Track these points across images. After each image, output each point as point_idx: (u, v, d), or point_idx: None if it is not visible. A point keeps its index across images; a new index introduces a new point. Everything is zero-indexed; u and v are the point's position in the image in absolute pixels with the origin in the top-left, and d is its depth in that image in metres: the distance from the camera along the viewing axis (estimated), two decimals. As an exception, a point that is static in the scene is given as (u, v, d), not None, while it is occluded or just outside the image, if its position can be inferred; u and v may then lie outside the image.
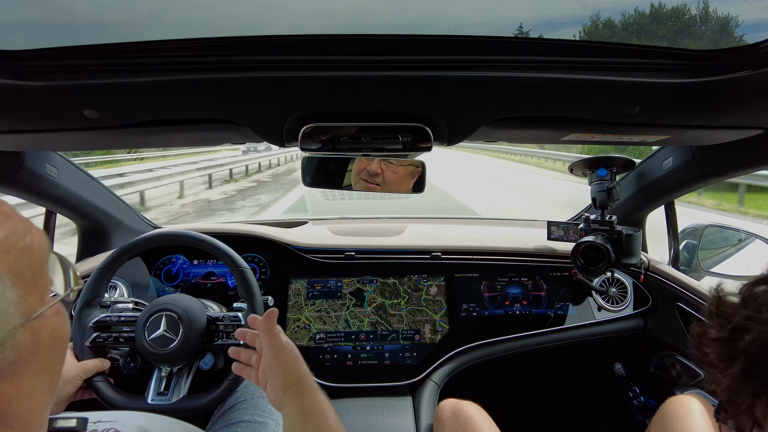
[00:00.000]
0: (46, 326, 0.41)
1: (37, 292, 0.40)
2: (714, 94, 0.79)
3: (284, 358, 0.77)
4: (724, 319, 0.58)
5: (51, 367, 0.43)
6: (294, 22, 0.75)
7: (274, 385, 0.75)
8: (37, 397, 0.40)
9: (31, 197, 1.33)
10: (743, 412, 0.55)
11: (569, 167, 1.55)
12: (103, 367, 1.14)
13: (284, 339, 0.81)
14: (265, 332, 0.79)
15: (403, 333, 1.49)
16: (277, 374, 0.75)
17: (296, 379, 0.75)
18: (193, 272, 1.58)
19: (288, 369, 0.75)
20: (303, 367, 0.77)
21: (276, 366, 0.76)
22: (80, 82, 0.74)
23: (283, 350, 0.77)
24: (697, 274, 1.54)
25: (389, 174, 1.03)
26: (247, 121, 0.87)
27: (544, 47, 0.77)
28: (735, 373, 0.55)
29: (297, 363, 0.77)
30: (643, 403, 1.58)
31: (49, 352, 0.42)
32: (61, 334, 0.44)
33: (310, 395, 0.73)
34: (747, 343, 0.54)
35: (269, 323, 0.79)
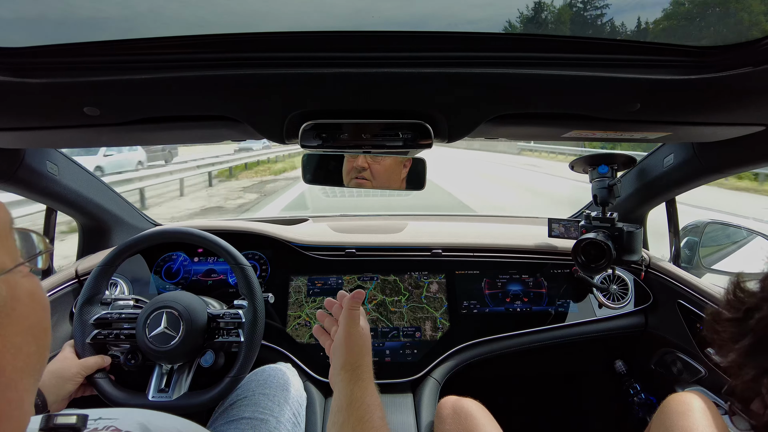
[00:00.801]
0: (22, 286, 0.42)
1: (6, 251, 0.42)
2: (715, 91, 0.78)
3: (353, 341, 0.78)
4: (739, 302, 0.62)
5: (36, 331, 0.43)
6: (294, 18, 0.75)
7: (334, 363, 0.77)
8: (22, 357, 0.41)
9: (31, 194, 1.33)
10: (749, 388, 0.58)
11: (570, 164, 1.55)
12: (104, 364, 1.14)
13: (362, 323, 0.83)
14: (347, 310, 0.81)
15: (404, 330, 1.49)
16: (341, 354, 0.77)
17: (356, 365, 0.76)
18: (194, 269, 1.58)
19: (352, 353, 0.77)
20: (366, 358, 0.78)
21: (343, 345, 0.77)
22: (80, 79, 0.74)
23: (355, 333, 0.79)
24: (699, 271, 1.54)
25: (376, 166, 1.04)
26: (247, 118, 0.87)
27: (545, 44, 0.76)
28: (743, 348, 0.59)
29: (362, 351, 0.78)
30: (644, 400, 1.58)
31: (31, 314, 0.43)
32: (39, 297, 0.45)
33: (362, 386, 0.74)
34: (757, 320, 0.58)
35: (354, 302, 0.81)
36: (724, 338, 0.63)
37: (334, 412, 0.72)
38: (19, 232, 0.46)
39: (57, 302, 1.39)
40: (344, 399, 0.72)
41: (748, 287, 0.63)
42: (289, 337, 1.47)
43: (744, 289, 0.63)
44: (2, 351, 0.39)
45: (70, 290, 1.45)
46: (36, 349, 0.43)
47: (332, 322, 0.89)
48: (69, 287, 1.44)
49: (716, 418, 0.89)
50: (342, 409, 0.71)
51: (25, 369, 0.42)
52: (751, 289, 0.63)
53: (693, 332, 1.35)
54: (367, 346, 0.80)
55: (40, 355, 0.44)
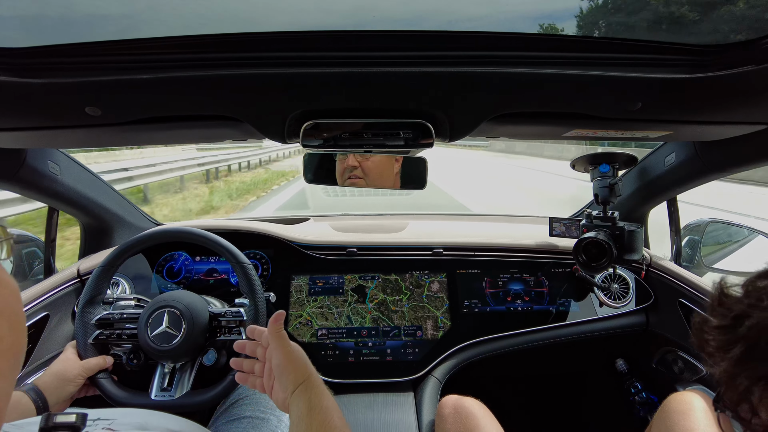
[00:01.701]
0: None
1: None
2: (717, 90, 0.78)
3: (294, 357, 0.79)
4: (726, 309, 0.61)
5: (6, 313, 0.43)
6: (295, 16, 0.75)
7: (284, 384, 0.76)
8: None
9: (33, 194, 1.33)
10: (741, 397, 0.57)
11: (571, 163, 1.55)
12: (106, 365, 1.14)
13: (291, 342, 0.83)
14: (274, 334, 0.81)
15: (405, 329, 1.50)
16: (288, 373, 0.77)
17: (305, 377, 0.76)
18: (195, 269, 1.59)
19: (298, 367, 0.77)
20: (310, 367, 0.79)
21: (287, 365, 0.77)
22: (81, 80, 0.74)
23: (292, 351, 0.79)
24: (700, 270, 1.54)
25: (366, 163, 1.04)
26: (248, 117, 0.87)
27: (546, 43, 0.76)
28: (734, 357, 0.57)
29: (305, 362, 0.79)
30: (645, 399, 1.58)
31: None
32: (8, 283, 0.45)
33: (317, 392, 0.74)
34: (747, 328, 0.57)
35: (277, 326, 0.81)
36: (713, 347, 0.62)
37: (295, 423, 0.73)
38: None
39: (59, 302, 1.40)
40: (303, 407, 0.72)
41: (732, 293, 0.62)
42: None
43: (729, 294, 0.62)
44: None
45: (72, 290, 1.45)
46: (9, 332, 0.43)
47: (252, 362, 0.88)
48: (71, 287, 1.45)
49: (717, 417, 0.89)
50: (302, 417, 0.72)
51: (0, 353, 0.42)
52: (736, 295, 0.62)
53: (694, 331, 1.35)
54: (306, 357, 0.81)
55: (14, 338, 0.44)
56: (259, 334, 0.87)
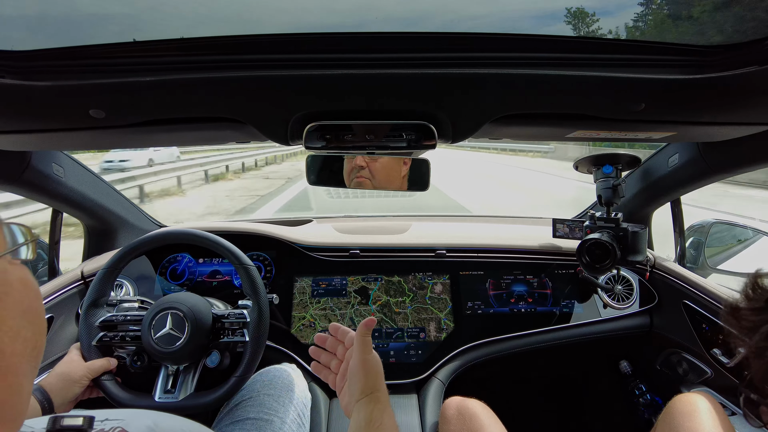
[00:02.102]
0: (12, 271, 0.44)
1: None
2: (720, 91, 0.78)
3: (368, 366, 0.80)
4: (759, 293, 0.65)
5: (31, 316, 0.44)
6: (297, 15, 0.75)
7: (353, 390, 0.78)
8: (20, 341, 0.42)
9: (37, 196, 1.34)
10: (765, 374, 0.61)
11: (574, 164, 1.55)
12: (110, 367, 1.15)
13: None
14: (360, 337, 0.82)
15: (408, 331, 1.49)
16: (359, 379, 0.78)
17: (373, 389, 0.77)
18: (199, 271, 1.59)
19: (370, 377, 0.78)
20: (382, 383, 0.80)
21: (360, 371, 0.79)
22: (85, 82, 0.74)
23: (369, 359, 0.81)
24: (704, 272, 1.54)
25: (374, 164, 1.04)
26: (251, 119, 0.87)
27: (549, 44, 0.76)
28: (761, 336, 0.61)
29: (379, 375, 0.80)
30: (650, 400, 1.58)
31: (24, 299, 0.44)
32: (31, 283, 0.46)
33: (380, 407, 0.75)
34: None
35: (366, 329, 0.82)
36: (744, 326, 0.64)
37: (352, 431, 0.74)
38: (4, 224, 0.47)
39: (63, 303, 1.40)
40: (363, 419, 0.73)
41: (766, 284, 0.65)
42: (293, 337, 1.47)
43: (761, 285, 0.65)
44: (0, 335, 0.40)
45: (76, 291, 1.45)
46: (32, 334, 0.44)
47: (329, 357, 0.90)
48: (75, 288, 1.45)
49: (722, 419, 0.89)
50: (360, 428, 0.72)
51: (23, 353, 0.42)
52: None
53: (699, 333, 1.34)
54: (381, 372, 0.82)
55: (36, 340, 0.45)
56: (343, 333, 0.89)
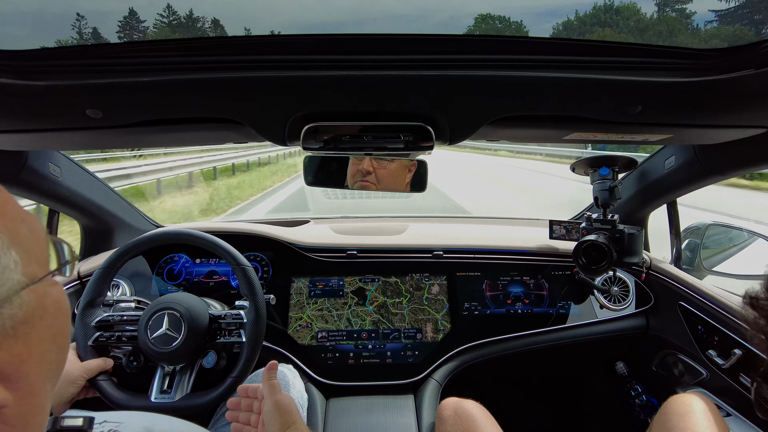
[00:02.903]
0: (50, 295, 0.43)
1: (36, 260, 0.42)
2: (716, 93, 0.79)
3: (281, 405, 0.85)
4: None
5: (59, 339, 0.44)
6: (296, 13, 0.75)
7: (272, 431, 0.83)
8: (45, 364, 0.41)
9: (34, 196, 1.33)
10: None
11: (571, 166, 1.55)
12: (106, 367, 1.14)
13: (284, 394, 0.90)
14: (267, 381, 0.88)
15: (405, 332, 1.50)
16: (276, 419, 0.83)
17: (290, 423, 0.82)
18: (196, 271, 1.59)
19: (284, 415, 0.83)
20: (296, 415, 0.85)
21: (274, 412, 0.84)
22: (82, 82, 0.74)
23: (280, 399, 0.86)
24: (700, 273, 1.54)
25: (381, 171, 1.04)
26: (249, 120, 0.87)
27: (546, 46, 0.77)
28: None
29: (292, 411, 0.85)
30: (645, 402, 1.58)
31: (56, 322, 0.43)
32: (64, 305, 0.45)
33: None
34: None
35: (270, 374, 0.90)
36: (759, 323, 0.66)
37: None
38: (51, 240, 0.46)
39: None
40: None
41: None
42: (290, 338, 1.47)
43: None
44: (28, 359, 0.39)
45: (72, 291, 1.45)
46: (57, 356, 0.44)
47: (247, 415, 0.94)
48: (71, 288, 1.45)
49: (717, 420, 0.89)
50: None
51: (47, 375, 0.42)
52: None
53: (694, 334, 1.35)
54: (294, 407, 0.87)
55: (60, 361, 0.45)
56: (253, 390, 0.94)
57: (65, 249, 0.48)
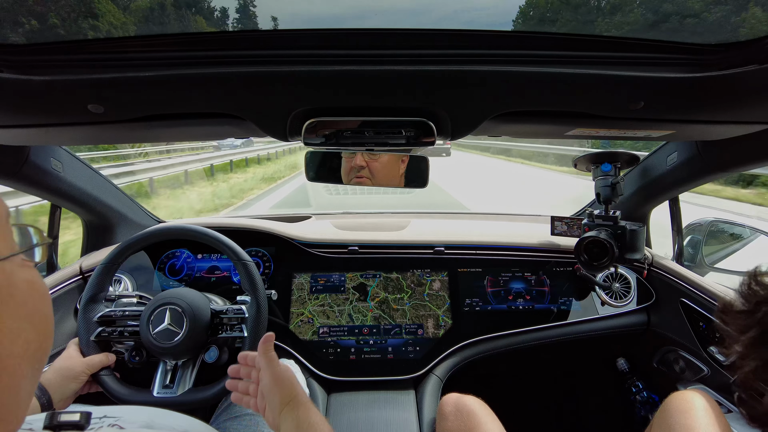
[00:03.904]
0: (19, 274, 0.43)
1: (2, 240, 0.43)
2: (719, 89, 0.78)
3: (281, 377, 0.82)
4: (752, 294, 0.64)
5: (35, 320, 0.44)
6: (299, 5, 0.74)
7: (272, 405, 0.80)
8: (20, 343, 0.42)
9: (36, 191, 1.34)
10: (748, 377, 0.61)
11: (573, 162, 1.55)
12: (108, 362, 1.15)
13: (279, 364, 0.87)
14: (263, 354, 0.85)
15: (406, 327, 1.50)
16: (275, 393, 0.80)
17: (292, 396, 0.80)
18: (197, 266, 1.59)
19: (284, 387, 0.81)
20: (298, 387, 0.82)
21: (274, 386, 0.81)
22: (83, 77, 0.74)
23: (279, 372, 0.83)
24: (701, 270, 1.54)
25: (374, 164, 1.04)
26: (250, 115, 0.87)
27: (549, 41, 0.76)
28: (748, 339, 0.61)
29: (292, 383, 0.82)
30: (646, 398, 1.59)
31: (29, 301, 0.43)
32: (38, 286, 0.45)
33: (304, 409, 0.77)
34: (764, 313, 0.60)
35: (266, 347, 0.86)
36: (732, 329, 0.64)
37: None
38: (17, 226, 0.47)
39: (61, 298, 1.40)
40: (291, 425, 0.75)
41: (765, 280, 0.64)
42: (292, 333, 1.47)
43: (760, 281, 0.65)
44: None
45: (74, 286, 1.45)
46: (35, 336, 0.44)
47: (246, 384, 0.91)
48: (73, 284, 1.45)
49: (718, 417, 0.89)
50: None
51: (24, 355, 0.42)
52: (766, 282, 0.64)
53: (695, 330, 1.35)
54: (294, 379, 0.84)
55: (40, 342, 0.45)
56: (252, 358, 0.91)
57: (32, 233, 0.49)
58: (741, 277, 0.69)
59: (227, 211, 7.59)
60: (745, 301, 0.64)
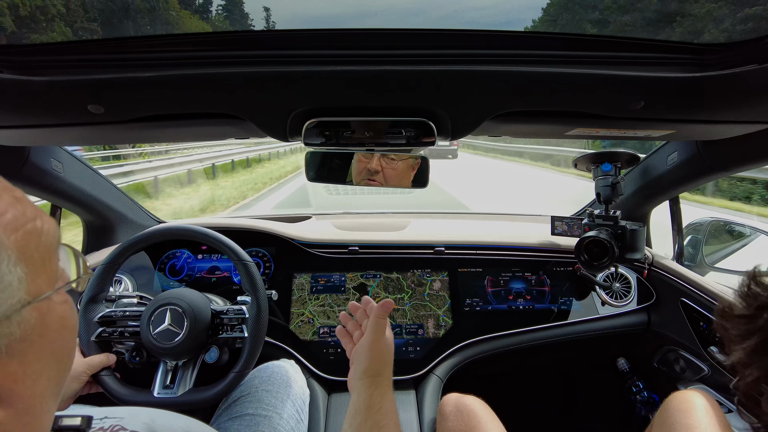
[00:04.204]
0: (54, 312, 0.41)
1: (45, 275, 0.40)
2: (720, 89, 0.78)
3: (377, 348, 0.79)
4: (752, 298, 0.61)
5: (60, 356, 0.42)
6: (299, 4, 0.74)
7: (357, 368, 0.78)
8: (42, 382, 0.40)
9: (36, 192, 1.34)
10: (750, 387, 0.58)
11: (573, 162, 1.55)
12: (109, 362, 1.15)
13: (388, 333, 0.83)
14: (375, 317, 0.82)
15: (407, 327, 1.50)
16: (364, 359, 0.78)
17: (377, 372, 0.77)
18: (198, 267, 1.59)
19: (375, 360, 0.78)
20: (388, 368, 0.79)
21: (367, 351, 0.78)
22: (83, 77, 0.74)
23: (380, 342, 0.80)
24: (702, 270, 1.54)
25: (389, 171, 1.04)
26: (250, 115, 0.87)
27: (549, 41, 0.76)
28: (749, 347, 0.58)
29: (385, 360, 0.79)
30: (647, 398, 1.59)
31: (58, 339, 0.42)
32: (70, 323, 0.44)
33: (381, 392, 0.75)
34: (765, 320, 0.57)
35: (383, 311, 0.82)
36: (732, 335, 0.62)
37: (351, 414, 0.73)
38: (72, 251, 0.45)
39: None
40: (363, 402, 0.73)
41: (765, 281, 0.62)
42: (292, 334, 1.47)
43: (760, 282, 0.62)
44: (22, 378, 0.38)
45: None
46: (57, 372, 0.42)
47: (355, 326, 0.89)
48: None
49: (719, 416, 0.89)
50: (360, 411, 0.72)
51: (45, 392, 0.41)
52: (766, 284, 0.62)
53: (696, 330, 1.35)
54: (390, 356, 0.81)
55: (60, 377, 0.43)
56: (372, 308, 0.86)
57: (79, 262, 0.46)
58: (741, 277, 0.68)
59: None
60: (745, 303, 0.62)
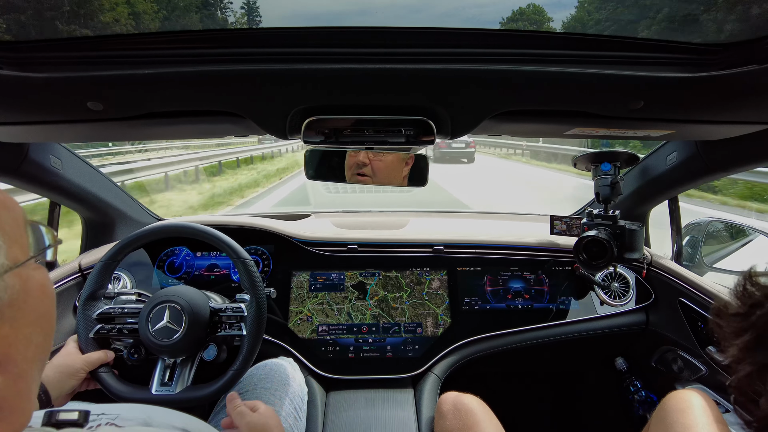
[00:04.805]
0: (33, 279, 0.44)
1: (18, 244, 0.43)
2: (719, 89, 0.78)
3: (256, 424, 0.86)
4: (747, 296, 0.62)
5: (43, 322, 0.45)
6: (298, 8, 0.75)
7: None
8: (32, 348, 0.43)
9: (35, 188, 1.34)
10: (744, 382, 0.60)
11: (573, 161, 1.55)
12: (107, 359, 1.15)
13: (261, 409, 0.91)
14: (231, 412, 0.90)
15: (405, 326, 1.50)
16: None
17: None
18: (197, 264, 1.59)
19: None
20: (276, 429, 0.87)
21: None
22: (83, 74, 0.74)
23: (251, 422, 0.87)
24: (700, 270, 1.54)
25: (377, 163, 1.04)
26: (250, 113, 0.87)
27: (549, 41, 0.76)
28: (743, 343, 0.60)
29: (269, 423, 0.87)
30: (644, 397, 1.59)
31: (40, 306, 0.44)
32: (48, 289, 0.46)
33: None
34: (758, 317, 0.59)
35: (232, 405, 0.91)
36: (727, 333, 0.63)
37: None
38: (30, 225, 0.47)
39: (60, 296, 1.40)
40: None
41: (760, 281, 0.63)
42: (290, 332, 1.47)
43: (755, 282, 0.63)
44: (15, 342, 0.40)
45: (73, 284, 1.45)
46: (43, 339, 0.45)
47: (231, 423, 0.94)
48: (72, 281, 1.45)
49: (716, 416, 0.89)
50: None
51: (34, 359, 0.43)
52: (762, 283, 0.63)
53: (694, 330, 1.35)
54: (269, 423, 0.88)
55: (46, 344, 0.46)
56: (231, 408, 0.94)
57: (44, 233, 0.49)
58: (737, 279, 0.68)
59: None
60: (740, 302, 0.63)
